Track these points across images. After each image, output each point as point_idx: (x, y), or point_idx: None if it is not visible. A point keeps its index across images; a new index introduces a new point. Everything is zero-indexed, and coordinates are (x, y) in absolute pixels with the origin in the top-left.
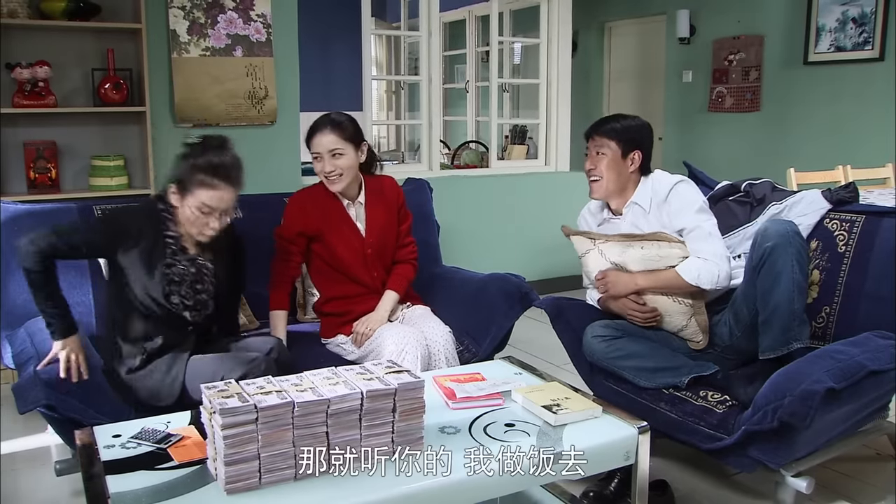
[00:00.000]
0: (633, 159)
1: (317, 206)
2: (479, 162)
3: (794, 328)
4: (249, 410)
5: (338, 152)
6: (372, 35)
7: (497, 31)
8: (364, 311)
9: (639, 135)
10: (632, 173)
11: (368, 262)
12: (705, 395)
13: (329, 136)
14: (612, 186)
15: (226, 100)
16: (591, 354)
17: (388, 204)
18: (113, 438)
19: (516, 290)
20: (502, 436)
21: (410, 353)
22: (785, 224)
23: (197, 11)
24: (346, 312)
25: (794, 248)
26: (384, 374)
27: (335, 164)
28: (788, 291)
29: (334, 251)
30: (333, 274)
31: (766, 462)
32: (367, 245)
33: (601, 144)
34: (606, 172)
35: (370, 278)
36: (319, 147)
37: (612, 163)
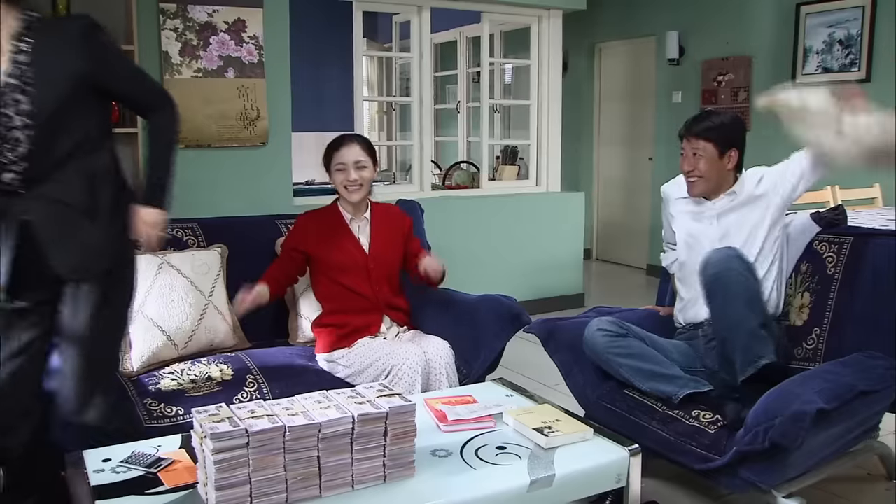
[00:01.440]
0: (730, 157)
1: (320, 227)
2: (470, 182)
3: (755, 347)
4: (240, 435)
5: (362, 164)
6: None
7: (488, 53)
8: (362, 324)
9: (733, 133)
10: (729, 171)
11: (371, 276)
12: (697, 414)
13: (355, 149)
14: (712, 185)
15: (217, 121)
16: (592, 347)
17: (392, 227)
18: (102, 462)
19: (507, 311)
20: (494, 459)
21: (411, 368)
22: (724, 250)
23: (189, 33)
24: (343, 325)
25: (735, 270)
26: (376, 397)
27: (359, 174)
28: (740, 314)
29: (333, 262)
30: (334, 287)
31: (758, 483)
32: (369, 259)
33: (698, 145)
34: (705, 172)
35: (372, 292)
36: (346, 158)
37: (710, 162)
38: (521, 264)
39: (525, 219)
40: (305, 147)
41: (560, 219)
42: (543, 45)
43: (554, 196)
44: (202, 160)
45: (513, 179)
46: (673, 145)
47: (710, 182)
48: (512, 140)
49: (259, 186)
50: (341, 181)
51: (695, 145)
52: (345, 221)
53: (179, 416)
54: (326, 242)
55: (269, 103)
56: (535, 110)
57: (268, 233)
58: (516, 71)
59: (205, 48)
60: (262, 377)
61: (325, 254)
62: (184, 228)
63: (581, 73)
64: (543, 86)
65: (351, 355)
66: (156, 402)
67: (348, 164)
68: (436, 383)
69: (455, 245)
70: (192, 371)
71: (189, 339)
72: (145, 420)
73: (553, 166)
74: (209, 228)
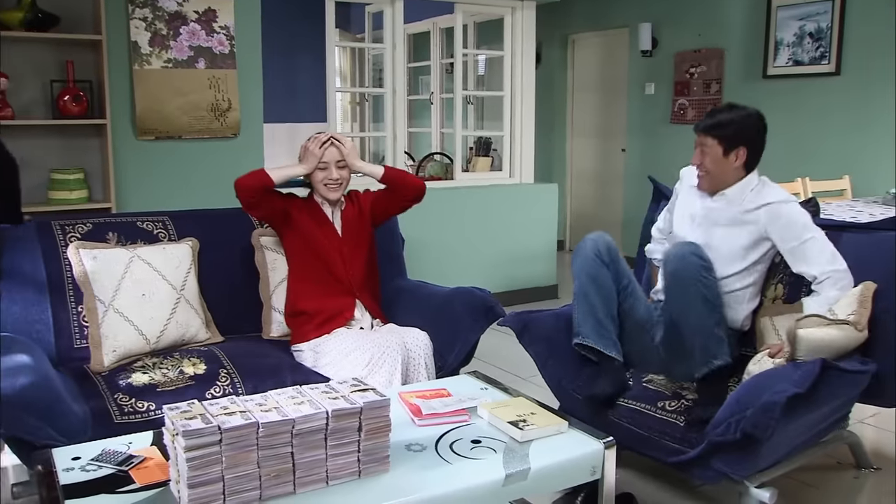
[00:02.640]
0: (737, 155)
1: (300, 204)
2: (443, 174)
3: (711, 347)
4: (213, 432)
5: (342, 163)
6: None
7: (461, 44)
8: (336, 309)
9: (743, 131)
10: (736, 168)
11: (345, 259)
12: (662, 405)
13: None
14: (716, 182)
15: (188, 112)
16: (579, 253)
17: (361, 209)
18: (72, 461)
19: (482, 304)
20: (469, 453)
21: (391, 358)
22: (684, 247)
23: (159, 23)
24: (317, 312)
25: (694, 268)
26: (350, 392)
27: (341, 173)
28: (698, 313)
29: (310, 237)
30: (310, 269)
31: (730, 474)
32: (343, 243)
33: (705, 141)
34: (710, 168)
35: (346, 274)
36: (328, 156)
37: (714, 159)
38: (494, 256)
39: (499, 210)
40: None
41: (533, 210)
42: (517, 37)
43: (527, 187)
44: (172, 152)
45: (486, 171)
46: (646, 136)
47: (714, 178)
48: (485, 131)
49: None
50: (322, 179)
51: (702, 141)
52: (320, 208)
53: (151, 411)
54: (307, 219)
55: (241, 94)
56: (508, 102)
57: (240, 226)
58: (489, 62)
59: (175, 38)
60: (235, 371)
61: (304, 224)
62: (154, 221)
63: (554, 64)
64: (517, 77)
65: (330, 344)
66: (127, 398)
67: (330, 163)
68: (414, 374)
69: (429, 237)
70: (164, 365)
71: (161, 334)
72: (116, 416)
73: (526, 158)
74: (180, 221)
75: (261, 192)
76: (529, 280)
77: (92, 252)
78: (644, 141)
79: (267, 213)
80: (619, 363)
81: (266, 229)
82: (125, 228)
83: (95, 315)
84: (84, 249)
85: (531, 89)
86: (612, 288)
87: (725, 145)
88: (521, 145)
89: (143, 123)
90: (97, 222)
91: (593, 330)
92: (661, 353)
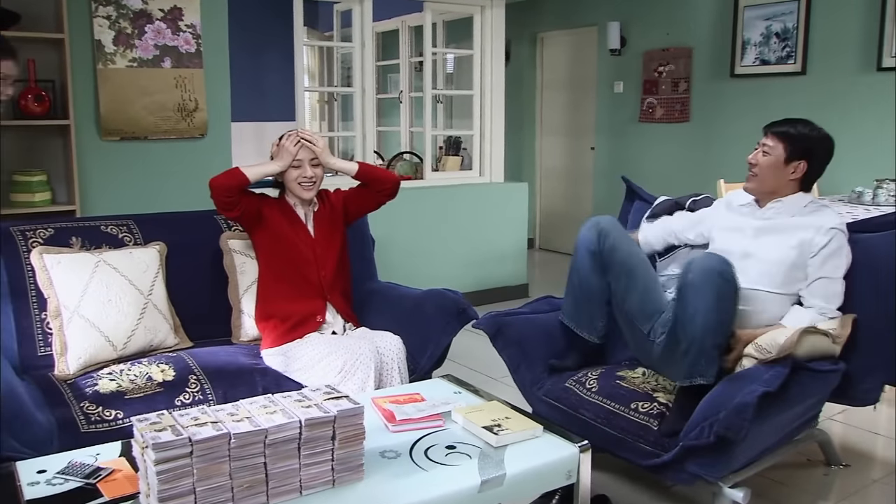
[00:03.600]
0: (796, 168)
1: (273, 204)
2: (413, 173)
3: (700, 364)
4: (184, 444)
5: (316, 161)
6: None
7: (430, 43)
8: (306, 310)
9: (811, 146)
10: (790, 181)
11: (318, 260)
12: (635, 406)
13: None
14: (766, 187)
15: (154, 112)
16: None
17: (333, 209)
18: (37, 474)
19: (454, 306)
20: (444, 459)
21: (364, 365)
22: (711, 260)
23: (123, 21)
24: (287, 316)
25: (714, 286)
26: (322, 400)
27: (315, 171)
28: (701, 329)
29: (286, 237)
30: (281, 270)
31: (704, 476)
32: (315, 244)
33: (769, 142)
34: (764, 170)
35: (317, 277)
36: (302, 154)
37: (772, 163)
38: (465, 255)
39: (469, 210)
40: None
41: (504, 209)
42: (486, 36)
43: (498, 186)
44: (138, 153)
45: (456, 170)
46: (614, 135)
47: (763, 182)
48: (455, 130)
49: (199, 180)
50: (296, 177)
51: (767, 141)
52: (293, 209)
53: (119, 419)
54: (279, 218)
55: (208, 94)
56: (478, 101)
57: (208, 229)
58: (458, 59)
59: (140, 37)
60: (205, 377)
61: (277, 224)
62: (119, 225)
63: (523, 62)
64: (486, 76)
65: (301, 349)
66: (93, 406)
67: (304, 161)
68: (388, 379)
69: (399, 236)
70: (132, 371)
71: (128, 340)
72: (82, 425)
73: (496, 157)
74: (146, 225)
75: (237, 192)
76: (500, 279)
77: (56, 257)
78: (613, 139)
79: (242, 213)
80: (593, 343)
81: (234, 232)
82: (89, 233)
83: (60, 321)
84: (48, 255)
85: (501, 88)
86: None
87: (789, 153)
88: (490, 144)
89: (108, 124)
90: (59, 227)
91: (570, 309)
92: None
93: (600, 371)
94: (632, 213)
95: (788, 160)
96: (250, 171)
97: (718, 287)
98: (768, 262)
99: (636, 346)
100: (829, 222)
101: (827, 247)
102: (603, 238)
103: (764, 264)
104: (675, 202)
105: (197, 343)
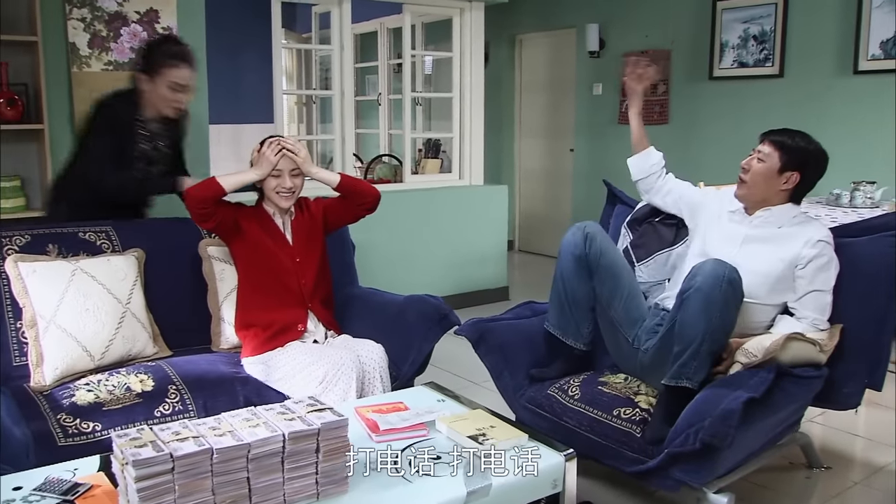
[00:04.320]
0: (788, 178)
1: (250, 215)
2: (392, 176)
3: (690, 367)
4: (165, 460)
5: (297, 171)
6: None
7: (410, 45)
8: (288, 321)
9: (806, 158)
10: (781, 191)
11: (297, 268)
12: (618, 412)
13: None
14: (756, 195)
15: None
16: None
17: (312, 217)
18: (13, 491)
19: (435, 312)
20: (429, 470)
21: (345, 375)
22: (721, 267)
23: (98, 24)
24: (269, 324)
25: (721, 294)
26: (306, 412)
27: (295, 182)
28: (700, 334)
29: (264, 247)
30: (261, 280)
31: (689, 482)
32: (295, 252)
33: (765, 150)
34: (756, 177)
35: (298, 286)
36: (282, 164)
37: (765, 170)
38: (445, 258)
39: (449, 213)
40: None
41: (484, 212)
42: (466, 38)
43: (477, 189)
44: None
45: (436, 173)
46: (594, 137)
47: (754, 190)
48: (434, 133)
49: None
50: (274, 187)
51: (763, 148)
52: (271, 217)
53: (97, 431)
54: (256, 228)
55: None
56: (457, 103)
57: (187, 235)
58: (436, 61)
59: (115, 39)
60: (185, 387)
61: (254, 234)
62: (97, 232)
63: (502, 64)
64: (466, 78)
65: (283, 358)
66: (70, 418)
67: (284, 171)
68: (369, 388)
69: (378, 240)
70: (110, 382)
71: (106, 350)
72: (59, 438)
73: (476, 159)
74: (124, 232)
75: (213, 203)
76: (480, 282)
77: (32, 266)
78: (592, 141)
79: (217, 223)
80: (579, 351)
81: (213, 239)
82: (66, 240)
83: (36, 331)
84: (23, 263)
85: (480, 91)
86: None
87: (784, 163)
88: (470, 147)
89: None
90: (36, 234)
91: (555, 316)
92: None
93: (583, 377)
94: (613, 217)
95: (782, 170)
96: (227, 182)
97: (726, 294)
98: (754, 273)
99: (618, 353)
100: (817, 234)
101: (816, 260)
102: (589, 242)
103: (749, 274)
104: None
105: (176, 351)
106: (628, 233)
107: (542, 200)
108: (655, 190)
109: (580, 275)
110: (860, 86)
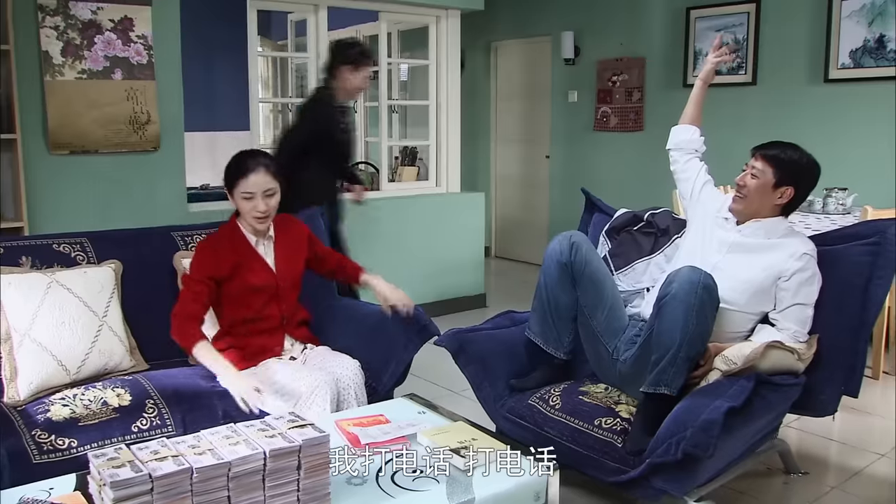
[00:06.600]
0: (783, 193)
1: (227, 248)
2: (369, 184)
3: (668, 373)
4: (144, 480)
5: (271, 192)
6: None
7: (386, 53)
8: (262, 344)
9: (800, 172)
10: (775, 205)
11: (280, 295)
12: (599, 422)
13: (265, 177)
14: (750, 210)
15: (105, 125)
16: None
17: (293, 238)
18: None
19: (415, 322)
20: (411, 484)
21: (321, 396)
22: (696, 274)
23: (72, 32)
24: (244, 346)
25: (697, 300)
26: (287, 429)
27: (269, 204)
28: (677, 340)
29: (247, 287)
30: (241, 310)
31: (671, 491)
32: (278, 279)
33: (759, 165)
34: (752, 193)
35: (278, 311)
36: (254, 187)
37: (761, 187)
38: (422, 266)
39: (426, 220)
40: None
41: (461, 220)
42: (442, 46)
43: (454, 197)
44: (88, 168)
45: (413, 180)
46: (569, 143)
47: (750, 205)
48: (410, 140)
49: (152, 194)
50: (249, 210)
51: (756, 164)
52: (249, 244)
53: (73, 448)
54: (237, 267)
55: (161, 106)
56: (433, 111)
57: (164, 246)
58: (411, 68)
59: (89, 48)
60: (163, 401)
61: (238, 279)
62: (71, 244)
63: (477, 71)
64: (442, 86)
65: (258, 376)
66: (45, 434)
67: (257, 194)
68: (344, 404)
69: (355, 248)
70: (86, 396)
71: (82, 364)
72: (34, 455)
73: (453, 167)
74: (100, 243)
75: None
76: (458, 290)
77: (6, 278)
78: (568, 148)
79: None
80: (559, 360)
81: (189, 251)
82: (40, 252)
83: (10, 345)
84: None
85: (457, 98)
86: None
87: (778, 178)
88: (447, 154)
89: (57, 137)
90: (9, 245)
91: (537, 323)
92: (618, 368)
93: (563, 387)
94: (591, 225)
95: (777, 185)
96: (200, 355)
97: (702, 300)
98: (736, 280)
99: (598, 363)
100: (802, 247)
101: (800, 273)
102: (575, 250)
103: (731, 281)
104: (634, 215)
105: (153, 365)
106: (607, 241)
107: (518, 207)
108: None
109: (564, 283)
110: (831, 94)
